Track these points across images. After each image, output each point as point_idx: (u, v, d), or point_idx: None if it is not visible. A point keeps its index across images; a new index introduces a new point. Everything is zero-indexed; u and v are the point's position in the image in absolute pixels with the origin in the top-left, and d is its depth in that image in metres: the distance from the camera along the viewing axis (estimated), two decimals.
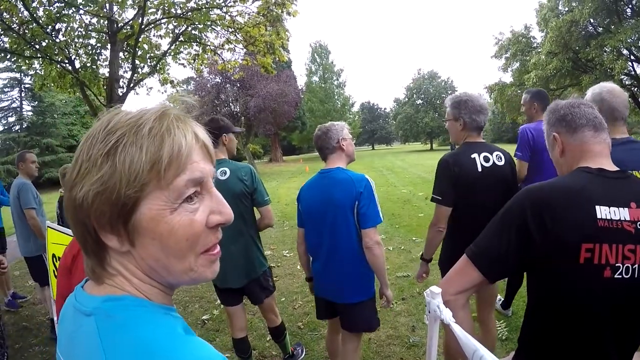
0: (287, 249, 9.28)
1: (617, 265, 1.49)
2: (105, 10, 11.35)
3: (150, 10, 11.32)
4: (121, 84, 12.43)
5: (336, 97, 63.00)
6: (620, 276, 1.50)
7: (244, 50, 13.19)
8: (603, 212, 1.52)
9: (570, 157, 1.78)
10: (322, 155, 3.42)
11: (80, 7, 11.12)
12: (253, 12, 12.07)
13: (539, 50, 23.73)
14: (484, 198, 3.15)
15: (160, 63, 13.11)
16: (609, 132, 1.82)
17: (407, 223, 10.87)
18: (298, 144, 63.57)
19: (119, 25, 11.60)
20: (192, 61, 13.45)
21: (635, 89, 23.20)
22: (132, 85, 12.44)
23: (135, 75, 12.55)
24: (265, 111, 38.10)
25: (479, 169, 3.19)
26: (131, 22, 11.60)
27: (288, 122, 46.47)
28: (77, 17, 11.55)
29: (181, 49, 13.17)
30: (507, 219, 1.65)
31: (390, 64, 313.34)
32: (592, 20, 21.07)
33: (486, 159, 3.23)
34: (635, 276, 1.51)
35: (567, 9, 21.62)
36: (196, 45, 12.97)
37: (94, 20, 11.85)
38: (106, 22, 11.68)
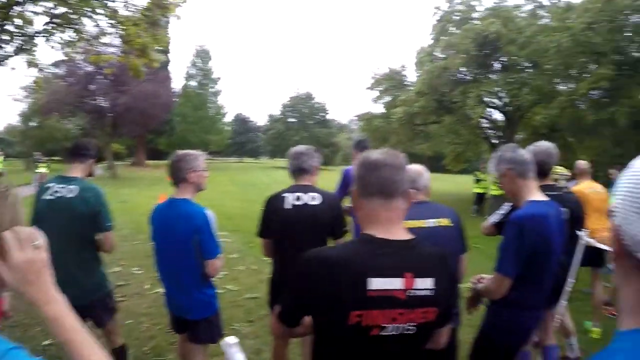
0: (138, 265, 8.68)
1: (384, 325, 1.68)
2: None
3: None
4: None
5: (210, 105, 61.65)
6: (386, 333, 1.69)
7: (120, 46, 12.47)
8: (375, 283, 1.66)
9: (363, 215, 1.87)
10: (173, 181, 3.64)
11: None
12: (138, 8, 11.34)
13: (410, 88, 25.02)
14: (294, 233, 3.66)
15: (28, 43, 12.12)
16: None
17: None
18: (165, 149, 60.79)
19: None
20: (65, 46, 12.52)
21: (491, 132, 26.11)
22: None
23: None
24: (134, 111, 36.22)
25: (287, 207, 3.69)
26: None
27: (157, 125, 44.59)
28: None
29: (55, 32, 12.16)
30: (293, 283, 1.89)
31: (266, 80, 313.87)
32: (462, 69, 22.83)
33: (298, 198, 3.72)
34: (403, 333, 1.71)
35: (443, 55, 23.17)
36: (72, 31, 12.03)
37: None
38: None
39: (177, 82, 58.94)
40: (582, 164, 6.88)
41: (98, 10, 11.08)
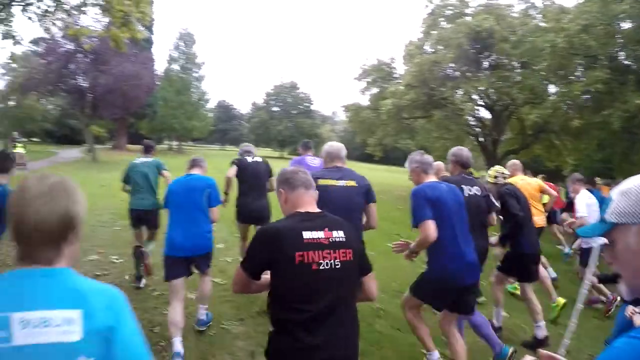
0: (117, 253, 8.07)
1: (320, 262, 2.48)
2: None
3: None
4: None
5: (193, 91, 59.94)
6: (323, 267, 2.49)
7: (102, 19, 11.73)
8: (307, 235, 2.52)
9: (290, 204, 2.78)
10: (190, 165, 5.54)
11: None
12: None
13: (399, 81, 24.73)
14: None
15: (4, 11, 11.44)
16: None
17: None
18: (147, 133, 58.86)
19: None
20: (42, 17, 11.74)
21: (479, 129, 26.03)
22: None
23: None
24: (115, 92, 34.96)
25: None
26: None
27: (138, 108, 43.40)
28: None
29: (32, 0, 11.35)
30: (254, 246, 2.63)
31: (251, 68, 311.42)
32: (452, 65, 22.60)
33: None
34: (333, 267, 2.52)
35: (433, 50, 23.15)
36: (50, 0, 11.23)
37: None
38: None
39: (160, 65, 57.07)
40: (515, 162, 8.29)
41: None
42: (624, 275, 1.34)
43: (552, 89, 19.18)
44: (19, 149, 23.15)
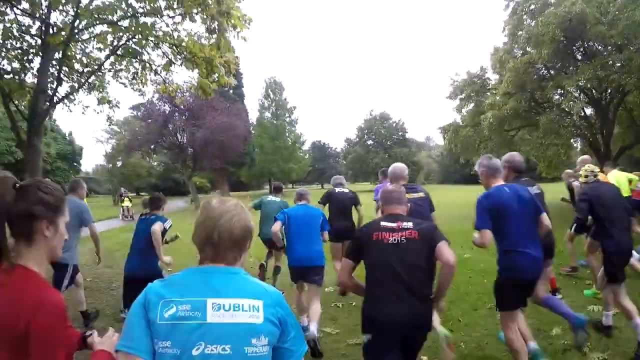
0: None
1: (389, 238, 3.57)
2: (41, 10, 10.00)
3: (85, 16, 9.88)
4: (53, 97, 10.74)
5: (287, 135, 61.94)
6: (392, 242, 3.56)
7: (192, 73, 11.79)
8: (382, 224, 3.69)
9: (386, 211, 3.92)
10: (298, 197, 6.84)
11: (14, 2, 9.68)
12: (201, 34, 10.70)
13: (494, 91, 23.56)
14: None
15: (97, 79, 11.84)
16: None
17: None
18: (247, 180, 61.41)
19: (54, 29, 10.20)
20: (132, 80, 12.05)
21: (586, 130, 23.04)
22: (56, 99, 10.82)
23: (62, 87, 11.04)
24: (212, 144, 36.73)
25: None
26: (63, 26, 10.27)
27: (236, 156, 45.13)
28: (12, 14, 10.04)
29: (119, 65, 11.69)
30: (354, 237, 4.07)
31: (342, 105, 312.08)
32: (547, 63, 20.99)
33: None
34: (400, 241, 3.54)
35: (522, 52, 21.71)
36: (136, 62, 11.52)
37: (27, 20, 10.28)
38: (39, 25, 10.15)
39: (253, 114, 60.22)
40: (585, 158, 7.91)
41: (162, 40, 10.58)
42: None
43: None
44: (126, 203, 26.15)
